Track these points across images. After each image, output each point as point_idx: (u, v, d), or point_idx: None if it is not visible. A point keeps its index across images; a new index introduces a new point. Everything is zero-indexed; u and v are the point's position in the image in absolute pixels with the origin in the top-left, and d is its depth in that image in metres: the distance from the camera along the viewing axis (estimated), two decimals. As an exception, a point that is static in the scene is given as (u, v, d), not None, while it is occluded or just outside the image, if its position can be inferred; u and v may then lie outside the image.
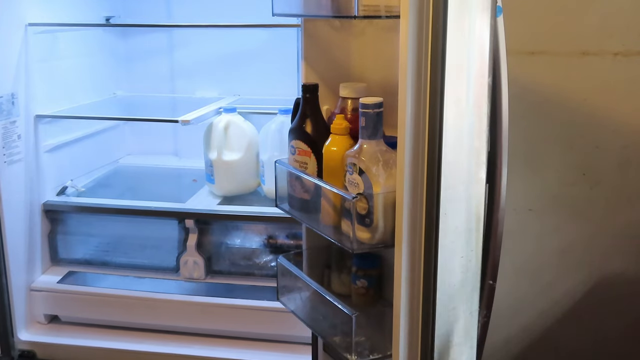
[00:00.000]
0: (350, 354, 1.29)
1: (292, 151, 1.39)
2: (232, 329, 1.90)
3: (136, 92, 2.35)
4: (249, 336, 1.90)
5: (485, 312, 1.15)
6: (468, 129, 1.03)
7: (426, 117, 1.00)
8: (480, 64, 1.02)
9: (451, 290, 1.06)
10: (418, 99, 1.00)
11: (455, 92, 1.00)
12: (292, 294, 1.53)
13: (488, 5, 1.00)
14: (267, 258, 1.97)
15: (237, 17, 2.00)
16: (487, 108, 1.04)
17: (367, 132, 1.19)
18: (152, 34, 2.25)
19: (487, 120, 1.05)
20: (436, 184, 1.01)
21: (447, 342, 1.08)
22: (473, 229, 1.07)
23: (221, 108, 2.00)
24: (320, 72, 1.44)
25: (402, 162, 1.02)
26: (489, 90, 1.04)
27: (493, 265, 1.15)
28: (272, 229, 1.95)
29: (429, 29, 0.97)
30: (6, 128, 1.89)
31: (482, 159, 1.05)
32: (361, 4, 1.17)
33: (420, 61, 0.99)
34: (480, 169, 1.06)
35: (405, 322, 1.08)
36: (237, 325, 1.88)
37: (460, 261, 1.06)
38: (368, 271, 1.38)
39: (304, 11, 1.38)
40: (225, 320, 1.89)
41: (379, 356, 1.29)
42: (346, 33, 1.42)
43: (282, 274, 1.52)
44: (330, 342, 1.40)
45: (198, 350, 1.86)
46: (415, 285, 1.07)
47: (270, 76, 2.18)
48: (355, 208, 1.19)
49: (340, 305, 1.30)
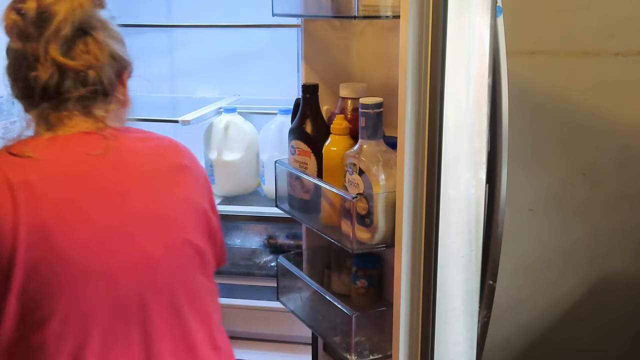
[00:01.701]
0: (350, 354, 1.29)
1: (292, 151, 1.39)
2: (231, 328, 1.90)
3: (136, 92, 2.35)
4: (249, 336, 1.90)
5: (485, 312, 1.15)
6: (468, 129, 1.03)
7: (426, 117, 1.00)
8: (480, 64, 1.02)
9: (451, 290, 1.07)
10: (418, 99, 1.00)
11: (455, 92, 1.00)
12: (292, 294, 1.53)
13: (488, 6, 1.00)
14: (267, 258, 1.97)
15: (237, 17, 2.00)
16: (487, 108, 1.04)
17: (367, 132, 1.19)
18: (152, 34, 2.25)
19: (487, 120, 1.05)
20: (436, 184, 1.01)
21: (447, 342, 1.08)
22: (473, 229, 1.07)
23: (221, 108, 2.00)
24: (320, 72, 1.44)
25: (402, 162, 1.02)
26: (489, 90, 1.04)
27: (493, 265, 1.15)
28: (272, 229, 1.95)
29: (429, 29, 0.98)
30: (6, 128, 1.89)
31: (482, 159, 1.05)
32: (361, 4, 1.18)
33: (420, 61, 0.99)
34: (480, 169, 1.06)
35: (405, 322, 1.08)
36: (237, 325, 1.88)
37: (460, 261, 1.06)
38: (368, 271, 1.38)
39: (304, 11, 1.38)
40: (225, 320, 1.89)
41: (379, 356, 1.29)
42: (346, 33, 1.42)
43: (282, 274, 1.52)
44: (330, 342, 1.40)
45: (198, 350, 1.87)
46: (415, 285, 1.07)
47: (270, 76, 2.17)
48: (355, 208, 1.19)
49: (340, 305, 1.31)
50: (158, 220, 1.05)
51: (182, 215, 1.08)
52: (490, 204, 1.11)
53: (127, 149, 1.08)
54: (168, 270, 1.04)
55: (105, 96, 1.10)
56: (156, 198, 1.06)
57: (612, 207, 1.89)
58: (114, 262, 0.99)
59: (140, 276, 1.01)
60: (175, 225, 1.06)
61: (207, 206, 1.14)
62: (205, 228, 1.13)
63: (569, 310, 1.98)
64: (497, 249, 1.15)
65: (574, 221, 1.92)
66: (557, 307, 1.99)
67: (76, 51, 1.05)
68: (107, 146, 1.04)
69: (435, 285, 1.05)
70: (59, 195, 0.98)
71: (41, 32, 1.03)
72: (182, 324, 1.07)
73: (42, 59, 1.03)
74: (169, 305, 1.05)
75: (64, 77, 1.04)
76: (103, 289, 0.98)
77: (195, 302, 1.09)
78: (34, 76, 1.03)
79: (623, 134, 1.83)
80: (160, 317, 1.04)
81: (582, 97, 1.83)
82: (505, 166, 1.12)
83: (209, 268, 1.14)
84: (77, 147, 1.04)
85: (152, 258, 1.02)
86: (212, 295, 1.16)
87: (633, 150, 1.84)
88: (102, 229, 0.99)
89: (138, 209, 1.03)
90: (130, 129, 1.16)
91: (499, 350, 2.03)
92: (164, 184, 1.08)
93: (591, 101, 1.83)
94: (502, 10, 1.08)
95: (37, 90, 1.04)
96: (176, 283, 1.06)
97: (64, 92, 1.05)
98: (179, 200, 1.08)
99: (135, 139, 1.12)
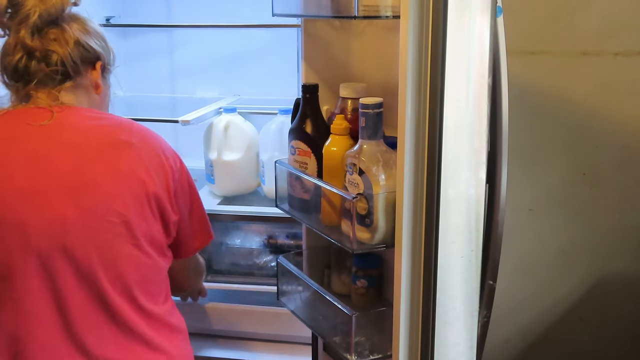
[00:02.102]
0: (350, 354, 1.29)
1: (292, 151, 1.39)
2: (231, 328, 1.90)
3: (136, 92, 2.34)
4: (249, 336, 1.90)
5: (485, 312, 1.15)
6: (468, 129, 1.03)
7: (426, 117, 1.00)
8: (480, 64, 1.02)
9: (451, 291, 1.07)
10: (418, 99, 1.00)
11: (455, 92, 1.00)
12: (292, 294, 1.53)
13: (488, 6, 1.00)
14: (267, 258, 1.97)
15: (237, 17, 2.00)
16: (487, 108, 1.04)
17: (367, 132, 1.19)
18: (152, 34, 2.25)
19: (487, 120, 1.05)
20: (436, 184, 1.01)
21: (447, 342, 1.08)
22: (473, 229, 1.07)
23: (221, 108, 2.00)
24: (320, 72, 1.44)
25: (402, 162, 1.02)
26: (489, 90, 1.04)
27: (493, 265, 1.15)
28: (272, 229, 1.95)
29: (429, 29, 0.98)
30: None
31: (482, 159, 1.05)
32: (361, 4, 1.18)
33: (420, 61, 0.99)
34: (480, 169, 1.06)
35: (405, 322, 1.08)
36: (236, 325, 1.88)
37: (460, 261, 1.06)
38: (368, 271, 1.38)
39: (304, 11, 1.38)
40: (225, 320, 1.89)
41: (379, 356, 1.29)
42: (346, 33, 1.42)
43: (282, 274, 1.52)
44: (330, 342, 1.40)
45: (197, 350, 1.86)
46: (415, 285, 1.07)
47: (270, 76, 2.17)
48: (355, 208, 1.19)
49: (340, 305, 1.31)
50: (81, 186, 1.16)
51: (109, 185, 1.17)
52: (490, 204, 1.11)
53: (69, 123, 1.22)
54: (82, 234, 1.14)
55: (69, 79, 1.25)
56: (83, 167, 1.17)
57: (612, 207, 1.89)
58: (28, 218, 1.13)
59: (52, 234, 1.13)
60: (98, 192, 1.16)
61: (156, 187, 1.22)
62: (145, 204, 1.21)
63: (569, 310, 1.98)
64: (497, 249, 1.14)
65: (574, 221, 1.92)
66: (557, 307, 1.99)
67: (45, 38, 1.23)
68: (49, 119, 1.19)
69: (435, 286, 1.05)
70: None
71: (12, 19, 1.22)
72: (96, 286, 1.16)
73: (14, 43, 1.22)
74: (78, 267, 1.14)
75: (31, 58, 1.22)
76: (17, 241, 1.12)
77: (113, 269, 1.17)
78: (8, 60, 1.23)
79: (623, 134, 1.83)
80: (69, 278, 1.14)
81: (582, 97, 1.83)
82: (505, 166, 1.12)
83: (145, 242, 1.21)
84: (22, 119, 1.21)
85: (66, 220, 1.13)
86: (148, 269, 1.23)
87: (633, 150, 1.84)
88: (22, 188, 1.14)
89: (61, 174, 1.16)
90: (91, 110, 1.29)
91: (499, 350, 2.03)
92: (95, 155, 1.19)
93: (591, 101, 1.83)
94: (502, 10, 1.08)
95: (9, 71, 1.24)
96: (90, 247, 1.15)
97: (30, 73, 1.22)
98: (109, 171, 1.18)
99: (84, 117, 1.25)
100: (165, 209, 1.25)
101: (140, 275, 1.21)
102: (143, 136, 1.26)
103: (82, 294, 1.15)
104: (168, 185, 1.25)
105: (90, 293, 1.16)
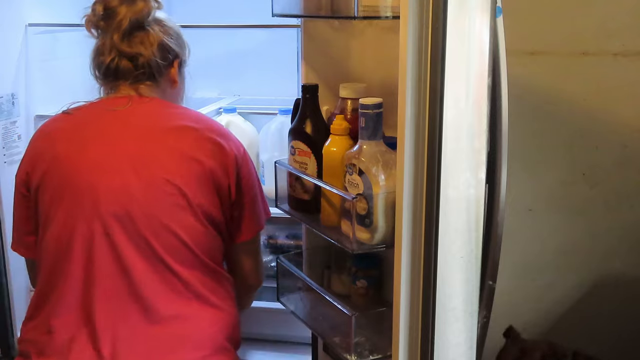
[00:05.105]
0: (350, 355, 1.29)
1: (292, 152, 1.39)
2: (232, 329, 1.90)
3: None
4: (249, 336, 1.90)
5: (485, 312, 1.15)
6: (468, 129, 1.03)
7: (426, 117, 1.00)
8: (480, 64, 1.02)
9: (451, 291, 1.06)
10: (418, 99, 1.00)
11: (455, 92, 1.00)
12: (292, 294, 1.53)
13: (488, 6, 1.00)
14: (267, 258, 1.97)
15: (237, 17, 2.01)
16: (487, 108, 1.04)
17: (367, 132, 1.19)
18: (152, 34, 2.25)
19: (487, 120, 1.05)
20: (436, 184, 1.01)
21: (447, 342, 1.08)
22: (473, 229, 1.07)
23: (221, 108, 2.01)
24: (320, 72, 1.44)
25: (402, 162, 1.02)
26: (489, 90, 1.03)
27: (493, 265, 1.15)
28: (272, 229, 1.95)
29: (429, 29, 0.97)
30: (6, 128, 1.89)
31: (482, 159, 1.05)
32: (361, 4, 1.18)
33: (420, 61, 0.99)
34: (480, 169, 1.06)
35: (405, 322, 1.08)
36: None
37: (460, 261, 1.06)
38: (368, 271, 1.38)
39: (303, 11, 1.38)
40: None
41: (378, 356, 1.30)
42: (346, 33, 1.42)
43: (282, 274, 1.52)
44: (330, 343, 1.40)
45: (198, 350, 1.86)
46: (415, 285, 1.07)
47: (270, 76, 2.18)
48: (355, 208, 1.19)
49: (340, 305, 1.31)
50: (142, 160, 1.31)
51: (166, 160, 1.32)
52: (490, 204, 1.11)
53: (139, 109, 1.39)
54: (144, 201, 1.29)
55: (152, 78, 1.42)
56: (145, 145, 1.33)
57: (612, 207, 1.89)
58: (98, 185, 1.30)
59: (119, 200, 1.29)
60: (157, 166, 1.31)
61: (214, 168, 1.34)
62: (202, 180, 1.32)
63: (569, 310, 1.98)
64: (497, 249, 1.14)
65: (573, 221, 1.91)
66: (556, 307, 1.99)
67: (132, 41, 1.39)
68: (124, 105, 1.38)
69: (435, 286, 1.05)
70: (70, 135, 1.37)
71: (106, 23, 1.39)
72: (153, 249, 1.29)
73: (109, 45, 1.39)
74: (138, 231, 1.28)
75: (121, 60, 1.39)
76: (89, 204, 1.29)
77: (169, 234, 1.30)
78: (101, 59, 1.40)
79: (623, 134, 1.83)
80: (128, 241, 1.28)
81: (581, 97, 1.83)
82: (505, 166, 1.12)
83: (201, 213, 1.33)
84: (103, 106, 1.41)
85: (130, 187, 1.29)
86: (202, 236, 1.34)
87: (633, 151, 1.84)
88: (94, 159, 1.32)
89: (126, 150, 1.33)
90: (164, 102, 1.44)
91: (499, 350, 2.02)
92: (158, 136, 1.35)
93: (591, 101, 1.83)
94: (502, 10, 1.08)
95: (102, 69, 1.41)
96: (150, 213, 1.29)
97: (119, 72, 1.40)
98: (168, 149, 1.33)
99: (155, 105, 1.41)
100: (222, 189, 1.35)
101: (195, 241, 1.32)
102: (207, 123, 1.40)
103: (141, 256, 1.28)
104: (227, 168, 1.35)
105: (150, 256, 1.29)
